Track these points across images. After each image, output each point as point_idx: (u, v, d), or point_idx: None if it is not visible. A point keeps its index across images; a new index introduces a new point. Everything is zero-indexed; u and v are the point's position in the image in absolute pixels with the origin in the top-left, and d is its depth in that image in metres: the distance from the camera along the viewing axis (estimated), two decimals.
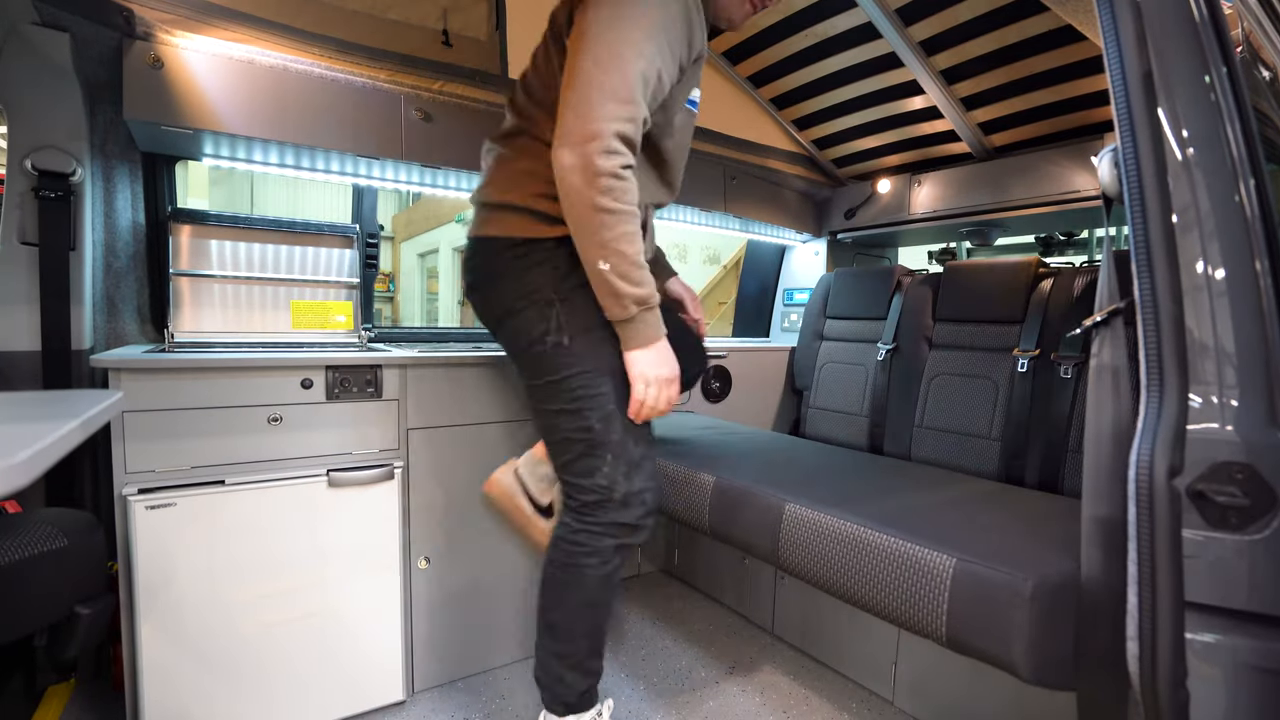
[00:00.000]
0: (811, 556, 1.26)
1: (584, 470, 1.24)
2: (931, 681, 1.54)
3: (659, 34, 1.12)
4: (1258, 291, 0.73)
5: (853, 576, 1.18)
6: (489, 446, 1.68)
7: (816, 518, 1.26)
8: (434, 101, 1.77)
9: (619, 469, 1.23)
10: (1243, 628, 0.71)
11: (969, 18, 1.78)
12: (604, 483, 1.22)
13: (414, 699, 1.60)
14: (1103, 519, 0.88)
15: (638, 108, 1.10)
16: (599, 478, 1.22)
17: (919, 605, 1.06)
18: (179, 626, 1.29)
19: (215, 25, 1.48)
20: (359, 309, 1.88)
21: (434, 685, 1.65)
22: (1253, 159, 0.75)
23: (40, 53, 1.37)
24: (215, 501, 1.31)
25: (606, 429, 1.22)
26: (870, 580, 1.14)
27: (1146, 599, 0.75)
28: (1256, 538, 0.70)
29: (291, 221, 1.82)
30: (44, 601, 0.97)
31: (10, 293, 1.38)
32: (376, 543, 1.50)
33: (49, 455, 0.57)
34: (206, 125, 1.48)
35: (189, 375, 1.29)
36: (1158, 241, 0.76)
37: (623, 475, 1.23)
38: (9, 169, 1.37)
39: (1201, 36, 0.77)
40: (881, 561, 1.13)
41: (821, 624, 1.81)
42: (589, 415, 1.22)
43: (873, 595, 1.14)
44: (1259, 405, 0.71)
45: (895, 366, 2.27)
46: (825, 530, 1.24)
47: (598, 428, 1.22)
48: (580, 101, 1.08)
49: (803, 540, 1.28)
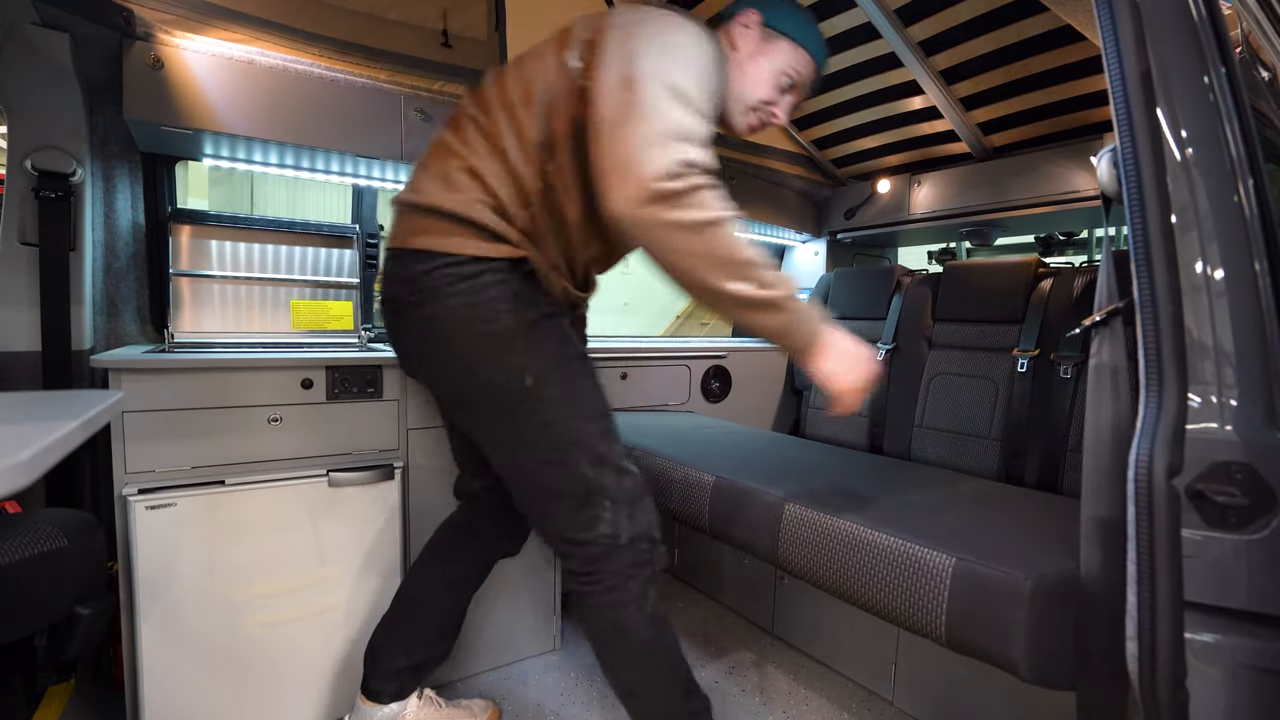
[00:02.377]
0: (811, 556, 1.26)
1: (583, 524, 1.07)
2: (931, 681, 1.54)
3: (703, 75, 1.00)
4: (1256, 291, 0.73)
5: (852, 576, 1.18)
6: None
7: (816, 517, 1.26)
8: (434, 101, 1.77)
9: (621, 512, 1.08)
10: (1242, 627, 0.71)
11: (968, 18, 1.78)
12: (608, 531, 1.07)
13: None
14: (1102, 519, 0.88)
15: (697, 125, 0.94)
16: (602, 527, 1.07)
17: (919, 605, 1.06)
18: (179, 627, 1.29)
19: (215, 25, 1.48)
20: (359, 309, 1.88)
21: (434, 685, 1.65)
22: (1251, 159, 0.75)
23: (40, 53, 1.37)
24: (215, 501, 1.31)
25: (599, 473, 1.07)
26: (870, 580, 1.14)
27: (1146, 598, 0.75)
28: (1255, 537, 0.70)
29: (291, 222, 1.82)
30: (44, 601, 0.97)
31: (10, 293, 1.38)
32: (377, 543, 1.50)
33: (50, 455, 0.58)
34: (206, 125, 1.49)
35: (189, 375, 1.29)
36: (1157, 241, 0.76)
37: (626, 518, 1.08)
38: (9, 169, 1.37)
39: (1200, 37, 0.77)
40: (881, 561, 1.13)
41: (821, 624, 1.81)
42: (578, 463, 1.06)
43: (873, 595, 1.14)
44: (1258, 405, 0.72)
45: (895, 366, 2.27)
46: (825, 530, 1.24)
47: (590, 474, 1.06)
48: (629, 137, 0.90)
49: (802, 540, 1.28)
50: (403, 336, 1.17)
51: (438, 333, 1.07)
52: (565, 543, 1.10)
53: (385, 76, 1.71)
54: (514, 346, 1.04)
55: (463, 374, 1.08)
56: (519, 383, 1.04)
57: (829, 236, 2.86)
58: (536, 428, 1.06)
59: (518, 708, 1.59)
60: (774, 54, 1.21)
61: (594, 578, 1.09)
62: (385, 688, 1.33)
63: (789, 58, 1.21)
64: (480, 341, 1.04)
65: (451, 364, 1.09)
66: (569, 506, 1.08)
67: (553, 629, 1.85)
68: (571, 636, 1.93)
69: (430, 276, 1.04)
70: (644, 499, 1.13)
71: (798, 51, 1.22)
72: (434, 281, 1.04)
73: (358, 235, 1.91)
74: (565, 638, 1.90)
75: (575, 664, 1.79)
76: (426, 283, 1.04)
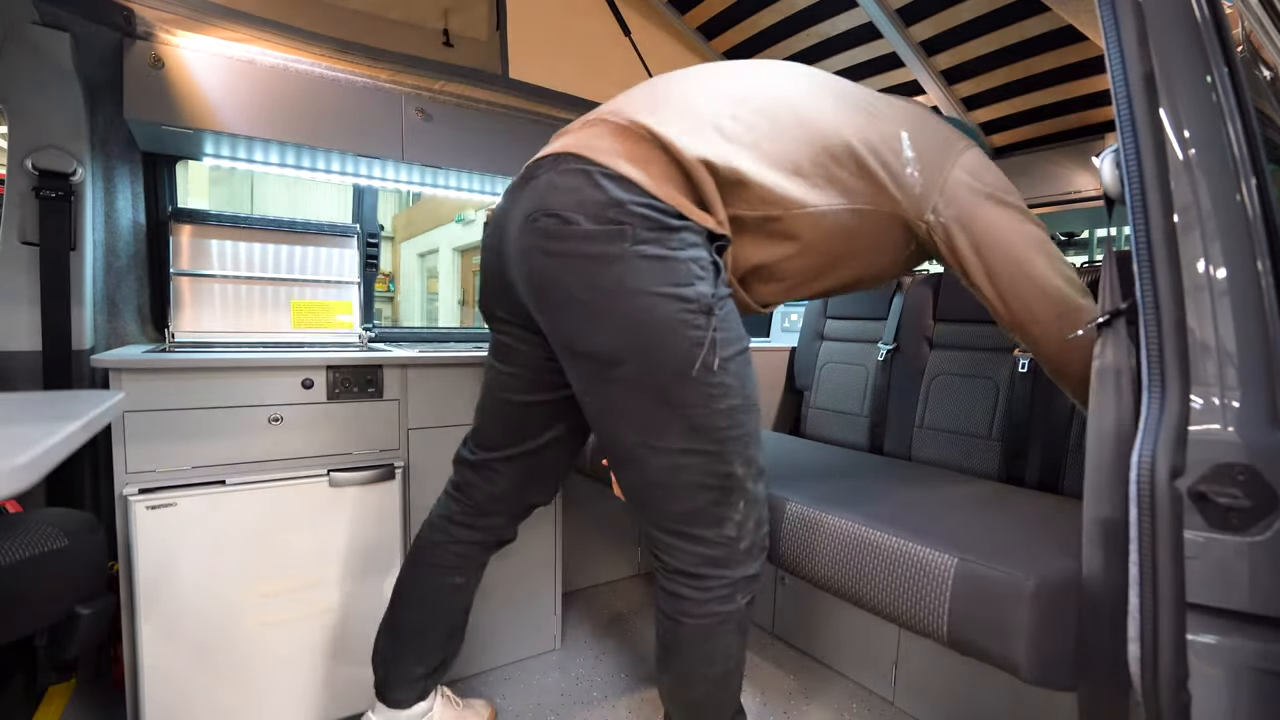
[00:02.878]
0: (812, 555, 1.26)
1: (710, 520, 1.01)
2: (931, 681, 1.54)
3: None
4: (1259, 292, 0.72)
5: (854, 575, 1.18)
6: None
7: (817, 516, 1.26)
8: (434, 101, 1.77)
9: (751, 516, 1.04)
10: (1244, 629, 0.71)
11: (970, 18, 1.77)
12: (732, 534, 1.02)
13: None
14: (1104, 520, 0.88)
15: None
16: (728, 529, 1.01)
17: (920, 604, 1.06)
18: (180, 626, 1.29)
19: (216, 25, 1.48)
20: (359, 309, 1.88)
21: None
22: (1254, 159, 0.75)
23: (40, 52, 1.37)
24: (216, 501, 1.31)
25: (747, 473, 1.02)
26: (871, 579, 1.14)
27: (1148, 600, 0.75)
28: (1258, 539, 0.70)
29: (292, 221, 1.82)
30: (44, 601, 0.97)
31: (11, 293, 1.38)
32: (377, 543, 1.50)
33: (52, 457, 0.57)
34: (207, 125, 1.48)
35: (190, 375, 1.29)
36: (1159, 242, 0.76)
37: (753, 525, 1.05)
38: (9, 169, 1.37)
39: (1203, 36, 0.77)
40: (883, 561, 1.13)
41: (822, 624, 1.81)
42: (732, 458, 1.00)
43: (874, 595, 1.14)
44: (1261, 406, 0.71)
45: (896, 366, 2.27)
46: (826, 529, 1.24)
47: (739, 473, 1.01)
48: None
49: (804, 539, 1.28)
50: (556, 265, 0.97)
51: (614, 275, 0.93)
52: (680, 537, 1.02)
53: (386, 76, 1.70)
54: (700, 318, 0.94)
55: (630, 328, 0.94)
56: (698, 357, 0.94)
57: None
58: (704, 411, 0.97)
59: (518, 708, 1.58)
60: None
61: (705, 583, 1.02)
62: (407, 695, 1.31)
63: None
64: (666, 301, 0.92)
65: (619, 316, 0.94)
66: (703, 500, 1.00)
67: (553, 629, 1.85)
68: (571, 636, 1.93)
69: (627, 210, 0.92)
70: (767, 511, 1.10)
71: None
72: (629, 217, 0.92)
73: (358, 235, 1.91)
74: (565, 638, 1.90)
75: (575, 664, 1.79)
76: (619, 215, 0.92)
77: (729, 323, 0.98)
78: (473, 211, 10.50)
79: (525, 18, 1.88)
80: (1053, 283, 1.05)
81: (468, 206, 10.53)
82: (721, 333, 0.96)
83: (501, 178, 1.92)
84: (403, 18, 1.72)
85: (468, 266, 11.46)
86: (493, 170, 1.86)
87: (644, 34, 2.12)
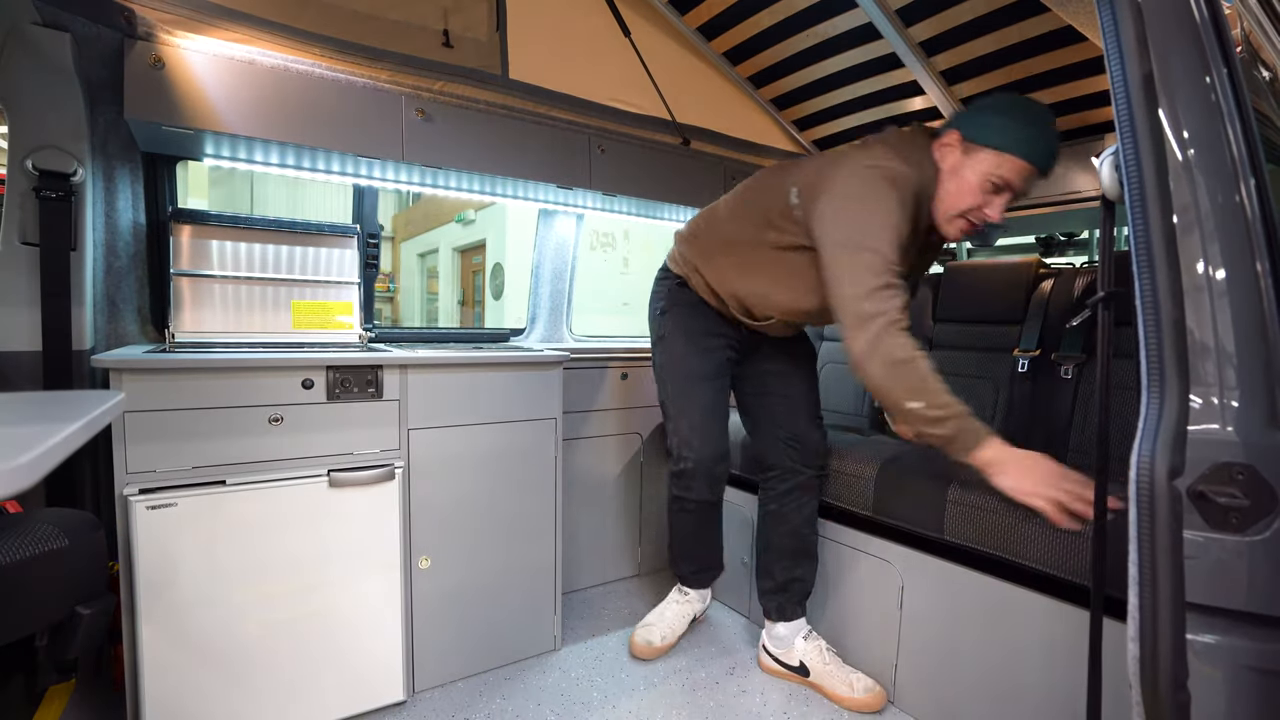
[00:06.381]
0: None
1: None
2: (931, 681, 1.54)
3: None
4: (1258, 292, 0.73)
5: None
6: (489, 446, 1.68)
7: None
8: (434, 101, 1.77)
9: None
10: (1243, 629, 0.71)
11: (970, 18, 1.77)
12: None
13: (415, 699, 1.60)
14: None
15: (888, 271, 1.30)
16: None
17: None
18: (180, 626, 1.29)
19: (216, 25, 1.48)
20: (359, 309, 1.88)
21: (435, 685, 1.65)
22: (1253, 159, 0.75)
23: (41, 53, 1.37)
24: (216, 502, 1.32)
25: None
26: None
27: (1147, 600, 0.75)
28: (1257, 539, 0.70)
29: (292, 221, 1.82)
30: (44, 601, 0.97)
31: (11, 293, 1.38)
32: (377, 543, 1.50)
33: (52, 457, 0.57)
34: (207, 125, 1.48)
35: (190, 375, 1.29)
36: (1158, 242, 0.76)
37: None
38: (10, 169, 1.37)
39: (1202, 37, 0.77)
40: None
41: (822, 624, 1.81)
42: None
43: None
44: (1259, 406, 0.72)
45: None
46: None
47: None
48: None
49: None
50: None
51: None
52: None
53: (386, 76, 1.70)
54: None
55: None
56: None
57: None
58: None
59: (518, 707, 1.59)
60: (976, 164, 1.35)
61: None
62: (767, 604, 1.77)
63: (992, 164, 1.33)
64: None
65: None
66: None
67: (553, 629, 1.85)
68: (571, 636, 1.93)
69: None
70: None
71: (1002, 157, 1.32)
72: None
73: (358, 235, 1.91)
74: (565, 638, 1.90)
75: (575, 664, 1.79)
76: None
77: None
78: (472, 211, 10.49)
79: (525, 18, 1.88)
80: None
81: (467, 206, 10.52)
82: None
83: (501, 178, 1.92)
84: (402, 18, 1.72)
85: (468, 266, 11.44)
86: (492, 170, 1.86)
87: (644, 34, 2.12)
